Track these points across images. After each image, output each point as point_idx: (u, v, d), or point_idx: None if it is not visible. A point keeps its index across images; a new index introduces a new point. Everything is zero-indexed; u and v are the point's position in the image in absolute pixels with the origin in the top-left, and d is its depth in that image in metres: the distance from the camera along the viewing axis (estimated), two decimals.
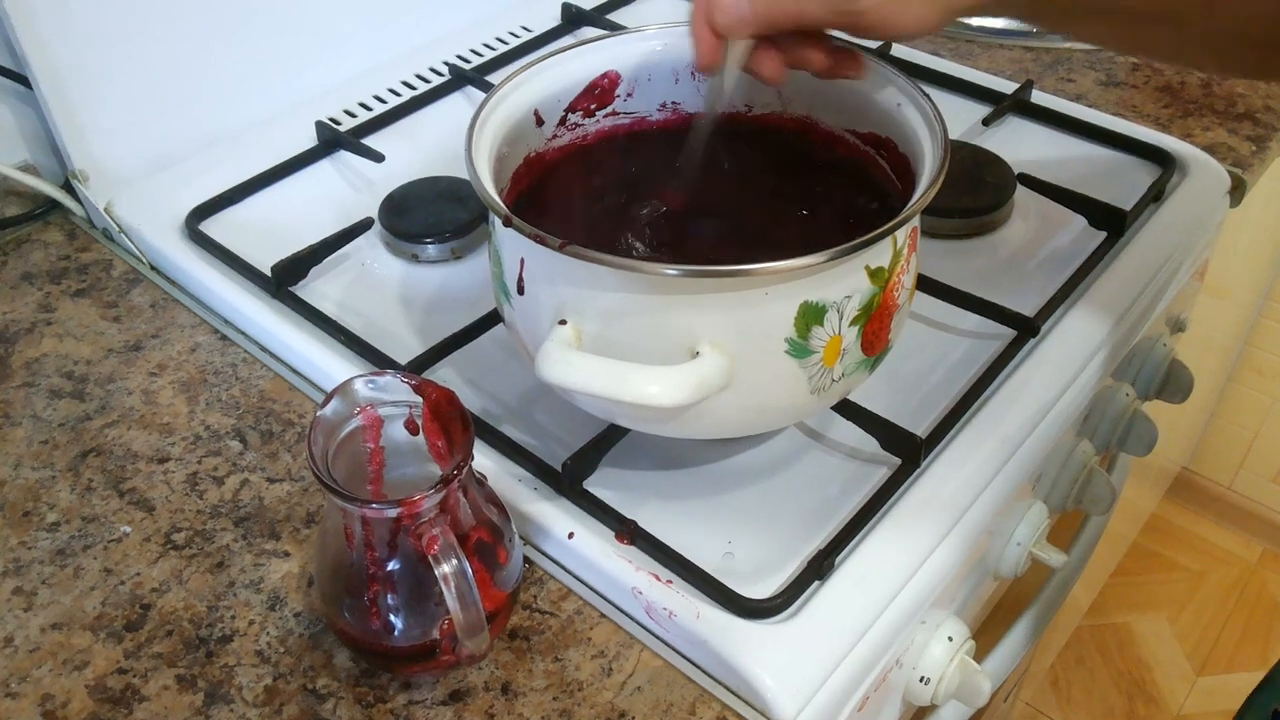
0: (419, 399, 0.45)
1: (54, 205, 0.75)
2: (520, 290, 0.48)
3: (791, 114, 0.59)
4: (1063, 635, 1.43)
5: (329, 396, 0.44)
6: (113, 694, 0.47)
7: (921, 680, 0.54)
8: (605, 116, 0.59)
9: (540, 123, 0.56)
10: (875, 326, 0.48)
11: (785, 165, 0.59)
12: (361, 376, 0.44)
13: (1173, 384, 0.75)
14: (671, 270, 0.43)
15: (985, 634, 0.66)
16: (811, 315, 0.45)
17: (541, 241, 0.44)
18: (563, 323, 0.46)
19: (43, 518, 0.55)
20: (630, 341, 0.46)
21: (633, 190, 0.59)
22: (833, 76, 0.53)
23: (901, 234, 0.47)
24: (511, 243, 0.48)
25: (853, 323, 0.46)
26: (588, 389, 0.43)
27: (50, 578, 0.52)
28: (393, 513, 0.41)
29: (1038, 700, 1.45)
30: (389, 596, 0.43)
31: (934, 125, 0.50)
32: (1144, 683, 1.47)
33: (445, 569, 0.41)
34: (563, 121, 0.57)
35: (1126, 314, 0.64)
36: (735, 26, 0.48)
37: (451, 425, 0.44)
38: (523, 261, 0.48)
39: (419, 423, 0.45)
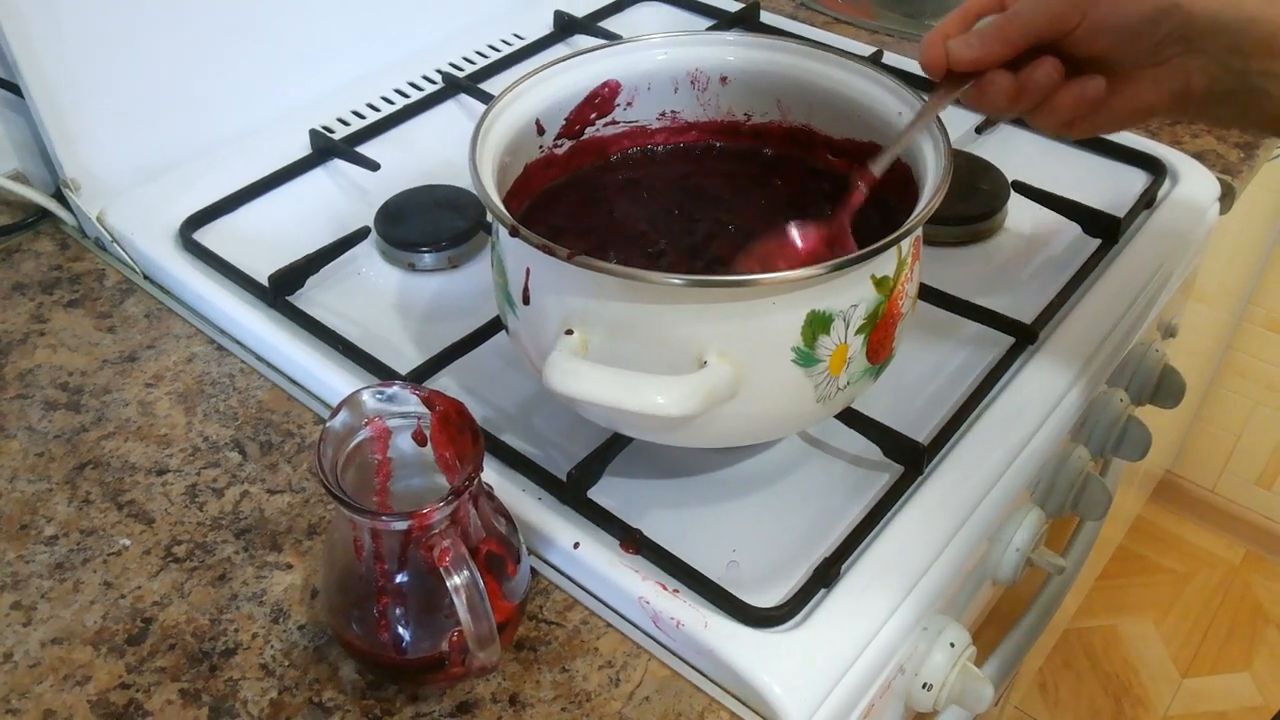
0: (427, 410, 0.44)
1: (45, 214, 0.74)
2: (526, 300, 0.48)
3: (791, 123, 0.59)
4: (1050, 638, 1.43)
5: (337, 408, 0.43)
6: (115, 709, 0.47)
7: (924, 687, 0.54)
8: (605, 125, 0.59)
9: (541, 131, 0.56)
10: (880, 335, 0.48)
11: (785, 174, 0.59)
12: (369, 388, 0.44)
13: (1165, 389, 0.75)
14: (679, 280, 0.43)
15: (979, 640, 0.66)
16: (818, 324, 0.45)
17: (549, 251, 0.44)
18: (569, 332, 0.46)
19: (40, 531, 0.54)
20: (637, 351, 0.46)
21: (648, 203, 0.59)
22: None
23: (906, 243, 0.47)
24: (517, 252, 0.48)
25: (858, 331, 0.47)
26: (595, 399, 0.43)
27: (49, 592, 0.52)
28: (404, 525, 0.41)
29: (1026, 704, 1.45)
30: (398, 608, 0.43)
31: (935, 134, 0.50)
32: (1130, 685, 1.48)
33: (457, 580, 0.40)
34: (563, 130, 0.57)
35: (1121, 320, 0.65)
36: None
37: (461, 437, 0.44)
38: (528, 271, 0.47)
39: (427, 434, 0.45)
